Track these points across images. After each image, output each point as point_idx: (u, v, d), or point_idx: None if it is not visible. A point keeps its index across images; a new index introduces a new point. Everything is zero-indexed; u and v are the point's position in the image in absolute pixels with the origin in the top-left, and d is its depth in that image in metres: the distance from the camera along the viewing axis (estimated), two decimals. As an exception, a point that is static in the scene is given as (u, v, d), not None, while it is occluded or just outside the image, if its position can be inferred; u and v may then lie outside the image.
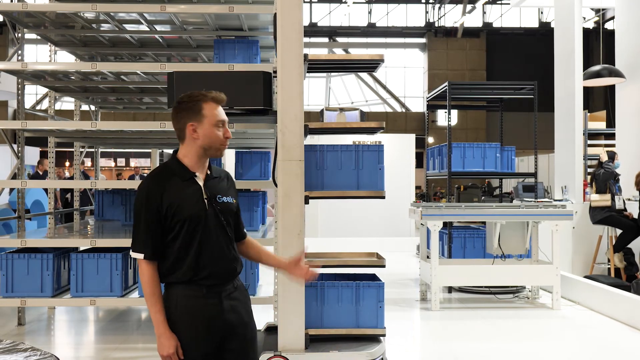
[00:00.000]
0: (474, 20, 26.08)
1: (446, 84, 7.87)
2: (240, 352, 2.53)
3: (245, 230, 2.74)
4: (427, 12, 26.29)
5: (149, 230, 2.43)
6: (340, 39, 26.57)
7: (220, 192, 2.56)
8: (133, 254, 2.46)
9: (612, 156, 7.94)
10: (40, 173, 9.87)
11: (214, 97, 2.49)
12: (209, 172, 2.55)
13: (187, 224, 2.43)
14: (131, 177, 17.15)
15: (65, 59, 9.28)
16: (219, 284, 2.49)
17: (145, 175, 2.47)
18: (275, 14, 4.14)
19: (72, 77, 6.37)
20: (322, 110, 4.88)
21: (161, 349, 2.40)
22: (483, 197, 8.17)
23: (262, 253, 2.76)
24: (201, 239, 2.46)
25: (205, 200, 2.49)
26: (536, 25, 26.42)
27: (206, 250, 2.47)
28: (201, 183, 2.51)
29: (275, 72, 4.20)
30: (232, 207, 2.59)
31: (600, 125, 10.88)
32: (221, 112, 2.51)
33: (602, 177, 7.74)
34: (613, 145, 9.54)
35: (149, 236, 2.43)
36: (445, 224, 7.66)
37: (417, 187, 17.13)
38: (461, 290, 7.63)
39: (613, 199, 7.69)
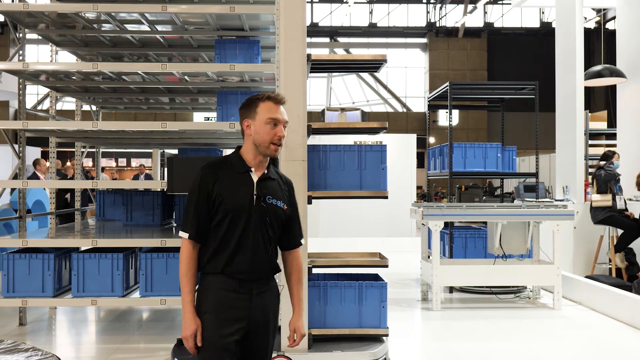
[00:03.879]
0: (475, 20, 26.08)
1: (447, 84, 7.87)
2: (257, 351, 2.58)
3: (300, 241, 2.73)
4: (428, 12, 26.28)
5: (197, 212, 2.52)
6: (341, 39, 26.57)
7: (272, 193, 2.59)
8: (180, 233, 2.57)
9: (611, 156, 7.92)
10: (40, 175, 9.86)
11: (271, 97, 2.59)
12: (265, 172, 2.61)
13: (230, 214, 2.50)
14: (135, 177, 17.09)
15: (66, 59, 9.27)
16: (251, 280, 2.53)
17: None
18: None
19: (73, 77, 6.37)
20: (323, 110, 4.88)
21: (183, 330, 2.49)
22: (484, 197, 8.17)
23: (290, 277, 2.73)
24: (242, 233, 2.51)
25: (254, 197, 2.54)
26: (537, 25, 26.42)
27: (244, 244, 2.52)
28: (255, 179, 2.57)
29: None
30: (279, 212, 2.60)
31: (602, 125, 10.87)
32: (275, 111, 2.57)
33: (604, 178, 7.74)
34: (614, 146, 9.53)
35: (195, 218, 2.52)
36: (446, 224, 7.65)
37: (418, 187, 17.13)
38: (462, 290, 7.62)
39: (614, 199, 7.69)
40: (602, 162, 7.91)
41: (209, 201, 2.52)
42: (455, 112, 23.28)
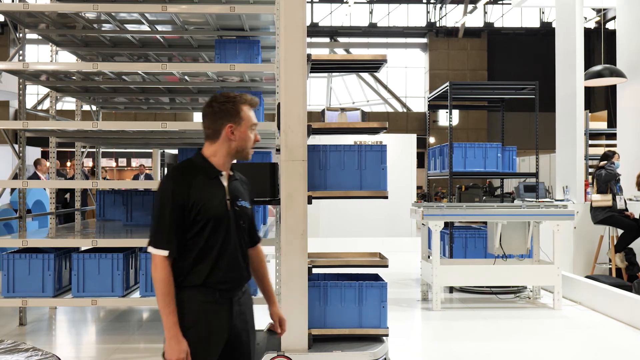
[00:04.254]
0: (475, 20, 26.07)
1: (447, 84, 7.87)
2: (240, 356, 2.51)
3: (259, 236, 2.72)
4: (428, 12, 26.28)
5: (173, 226, 2.34)
6: (341, 39, 26.56)
7: (240, 195, 2.54)
8: (154, 251, 2.34)
9: (611, 156, 7.91)
10: (41, 175, 9.85)
11: (250, 101, 2.49)
12: (231, 174, 2.53)
13: (210, 223, 2.38)
14: (135, 177, 17.04)
15: (66, 59, 9.27)
16: (231, 289, 2.45)
17: (169, 170, 2.45)
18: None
19: (74, 77, 6.37)
20: (323, 110, 4.87)
21: (170, 353, 2.30)
22: (484, 197, 8.17)
23: (259, 271, 2.71)
24: (222, 241, 2.41)
25: (228, 202, 2.46)
26: (537, 25, 26.41)
27: (225, 253, 2.43)
28: (225, 183, 2.48)
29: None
30: (248, 212, 2.57)
31: (602, 125, 10.87)
32: (254, 116, 2.52)
33: (604, 178, 7.74)
34: (614, 146, 9.53)
35: (172, 232, 2.33)
36: (446, 224, 7.65)
37: (419, 187, 17.12)
38: (462, 290, 7.62)
39: (614, 199, 7.69)
40: (603, 162, 7.90)
41: (184, 212, 2.35)
42: (455, 112, 23.27)
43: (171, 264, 2.35)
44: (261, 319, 2.91)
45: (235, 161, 2.57)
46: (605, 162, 7.88)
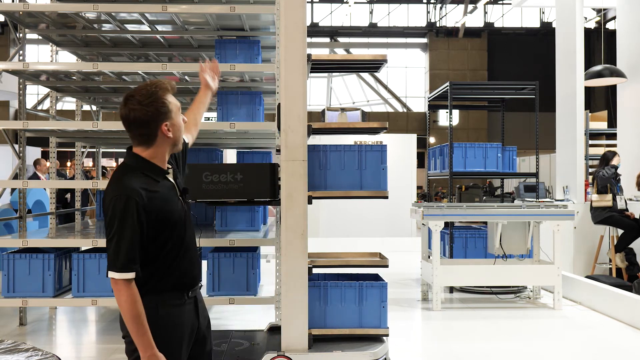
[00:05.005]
0: (475, 20, 26.08)
1: (447, 84, 7.87)
2: (203, 354, 2.44)
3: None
4: (428, 12, 26.28)
5: (137, 243, 2.14)
6: (341, 39, 26.57)
7: (184, 187, 2.41)
8: (118, 275, 2.11)
9: (612, 156, 7.90)
10: (41, 175, 9.85)
11: (171, 86, 2.29)
12: (170, 167, 2.35)
13: (176, 227, 2.26)
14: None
15: (66, 59, 9.27)
16: (195, 286, 2.36)
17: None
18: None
19: (74, 77, 6.37)
20: (323, 110, 4.87)
21: None
22: (484, 197, 8.17)
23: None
24: (184, 240, 2.30)
25: (180, 199, 2.33)
26: (537, 25, 26.41)
27: (189, 252, 2.33)
28: (172, 180, 2.33)
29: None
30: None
31: (602, 125, 10.86)
32: (176, 100, 2.35)
33: (600, 182, 7.74)
34: (614, 146, 9.53)
35: (135, 250, 2.14)
36: (446, 224, 7.65)
37: (419, 187, 17.13)
38: (462, 290, 7.62)
39: (614, 199, 7.69)
40: (607, 156, 7.86)
41: (148, 224, 2.16)
42: (456, 112, 23.27)
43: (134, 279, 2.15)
44: (261, 319, 2.90)
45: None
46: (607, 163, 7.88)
